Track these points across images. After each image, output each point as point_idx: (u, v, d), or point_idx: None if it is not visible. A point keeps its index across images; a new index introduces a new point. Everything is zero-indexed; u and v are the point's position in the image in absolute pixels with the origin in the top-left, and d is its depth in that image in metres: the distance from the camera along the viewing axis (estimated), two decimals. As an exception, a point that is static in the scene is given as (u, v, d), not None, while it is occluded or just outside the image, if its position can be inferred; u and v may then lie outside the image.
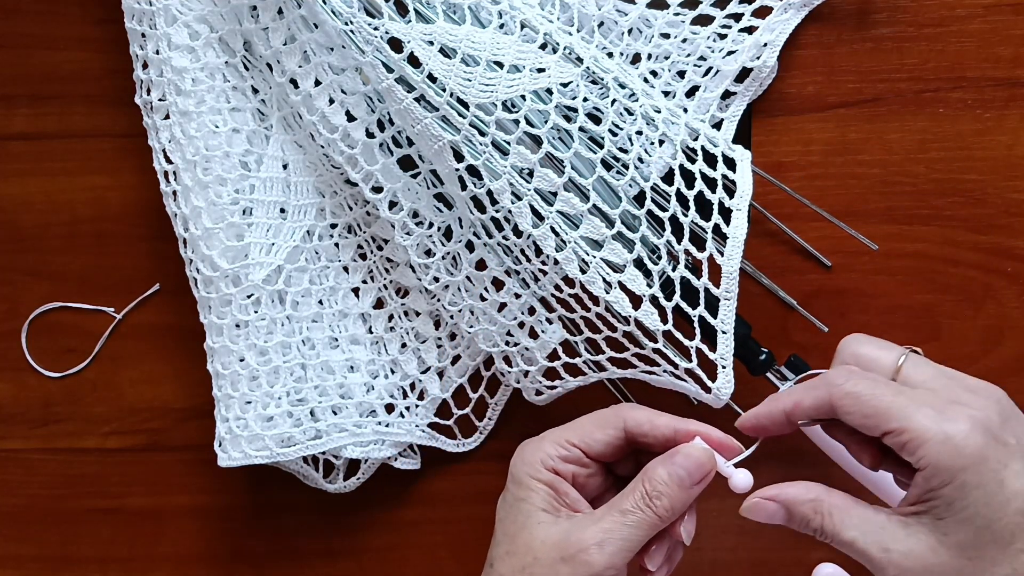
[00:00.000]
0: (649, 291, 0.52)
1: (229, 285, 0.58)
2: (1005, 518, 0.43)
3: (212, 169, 0.57)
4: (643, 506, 0.48)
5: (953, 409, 0.44)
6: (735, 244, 0.52)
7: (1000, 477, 0.43)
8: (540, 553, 0.48)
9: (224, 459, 0.58)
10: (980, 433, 0.43)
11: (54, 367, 0.66)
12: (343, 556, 0.64)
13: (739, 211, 0.52)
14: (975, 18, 0.60)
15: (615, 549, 0.47)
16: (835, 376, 0.47)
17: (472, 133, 0.53)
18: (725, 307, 0.51)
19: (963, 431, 0.43)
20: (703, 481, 0.49)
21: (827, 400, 0.46)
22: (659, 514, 0.48)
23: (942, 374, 0.47)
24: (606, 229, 0.53)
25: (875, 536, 0.45)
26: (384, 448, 0.60)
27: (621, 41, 0.60)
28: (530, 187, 0.53)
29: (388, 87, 0.53)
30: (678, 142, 0.54)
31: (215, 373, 0.59)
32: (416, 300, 0.62)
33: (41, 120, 0.65)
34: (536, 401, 0.60)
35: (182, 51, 0.57)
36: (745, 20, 0.60)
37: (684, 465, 0.49)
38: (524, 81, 0.53)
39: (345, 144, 0.57)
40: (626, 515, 0.48)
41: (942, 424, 0.43)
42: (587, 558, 0.47)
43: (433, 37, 0.53)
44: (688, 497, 0.49)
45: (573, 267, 0.53)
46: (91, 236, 0.65)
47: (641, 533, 0.48)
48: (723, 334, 0.51)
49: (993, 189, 0.60)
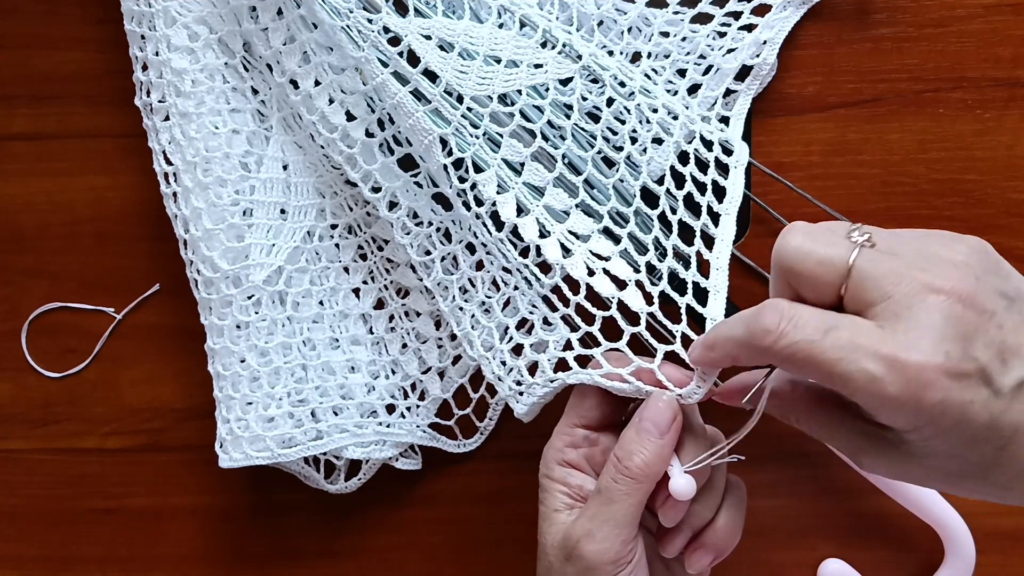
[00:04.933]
0: (635, 276, 0.51)
1: (230, 286, 0.58)
2: (976, 454, 0.39)
3: (212, 170, 0.57)
4: (617, 475, 0.46)
5: (909, 330, 0.38)
6: (723, 244, 0.51)
7: (967, 415, 0.38)
8: (552, 556, 0.48)
9: (225, 460, 0.58)
10: (942, 356, 0.37)
11: (54, 367, 0.66)
12: (343, 556, 0.64)
13: (727, 215, 0.52)
14: (975, 18, 0.60)
15: (603, 535, 0.46)
16: (767, 321, 0.41)
17: (464, 125, 0.53)
18: (715, 298, 0.50)
19: (918, 365, 0.37)
20: (673, 428, 0.47)
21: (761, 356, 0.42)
22: (634, 475, 0.46)
23: (902, 245, 0.40)
24: (594, 224, 0.53)
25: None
26: (385, 448, 0.61)
27: (621, 40, 0.60)
28: (519, 181, 0.53)
29: (383, 82, 0.53)
30: (671, 143, 0.54)
31: (216, 374, 0.59)
32: (417, 300, 0.62)
33: (41, 120, 0.65)
34: (522, 413, 0.56)
35: (181, 52, 0.57)
36: (744, 18, 0.60)
37: (650, 416, 0.47)
38: (521, 76, 0.53)
39: (344, 144, 0.57)
40: (603, 492, 0.46)
41: (892, 374, 0.38)
42: (580, 552, 0.46)
43: (431, 32, 0.53)
44: (661, 449, 0.46)
45: (555, 251, 0.52)
46: (91, 236, 0.65)
47: (626, 506, 0.46)
48: (712, 321, 0.49)
49: (993, 189, 0.60)
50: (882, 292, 0.39)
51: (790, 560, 0.61)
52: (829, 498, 0.61)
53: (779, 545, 0.61)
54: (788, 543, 0.61)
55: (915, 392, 0.37)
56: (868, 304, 0.39)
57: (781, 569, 0.61)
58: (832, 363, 0.39)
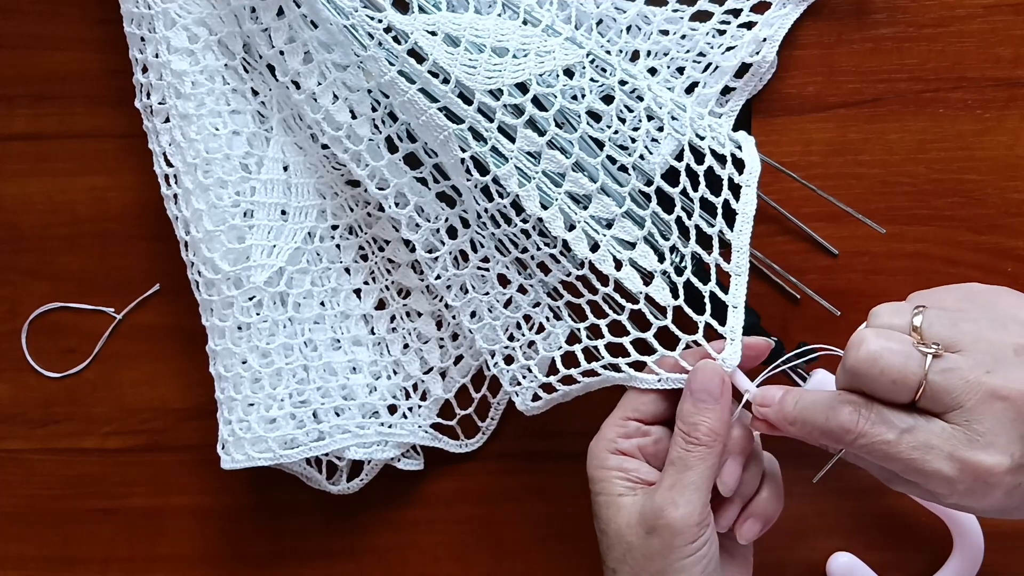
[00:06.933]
0: (660, 266, 0.53)
1: (231, 287, 0.58)
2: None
3: (213, 172, 0.57)
4: (687, 445, 0.49)
5: (980, 435, 0.43)
6: (744, 220, 0.53)
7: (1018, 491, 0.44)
8: (630, 537, 0.49)
9: (227, 461, 0.58)
10: (1008, 459, 0.43)
11: (54, 367, 0.66)
12: (343, 556, 0.64)
13: (748, 187, 0.53)
14: (975, 18, 0.60)
15: (686, 499, 0.48)
16: (845, 419, 0.45)
17: (478, 120, 0.53)
18: (736, 283, 0.52)
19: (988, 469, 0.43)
20: (725, 391, 0.50)
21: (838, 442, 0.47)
22: (704, 442, 0.49)
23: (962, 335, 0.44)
24: (616, 207, 0.53)
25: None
26: (387, 449, 0.61)
27: (620, 38, 0.60)
28: (538, 169, 0.53)
29: (391, 80, 0.53)
30: (687, 119, 0.55)
31: (218, 376, 0.59)
32: (418, 301, 0.62)
33: (41, 120, 0.64)
34: (532, 409, 0.59)
35: (181, 54, 0.57)
36: (744, 15, 0.60)
37: (700, 386, 0.50)
38: (530, 65, 0.53)
39: (351, 142, 0.57)
40: (677, 462, 0.49)
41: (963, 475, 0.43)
42: (666, 522, 0.48)
43: (436, 27, 0.53)
44: (721, 413, 0.49)
45: (583, 247, 0.53)
46: (91, 236, 0.65)
47: (701, 471, 0.49)
48: (734, 308, 0.52)
49: (993, 189, 0.60)
50: (955, 401, 0.43)
51: (792, 560, 0.61)
52: (830, 498, 0.61)
53: (781, 545, 0.61)
54: (790, 543, 0.61)
55: (983, 491, 0.43)
56: (943, 410, 0.44)
57: (784, 569, 0.61)
58: (908, 461, 0.44)
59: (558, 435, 0.62)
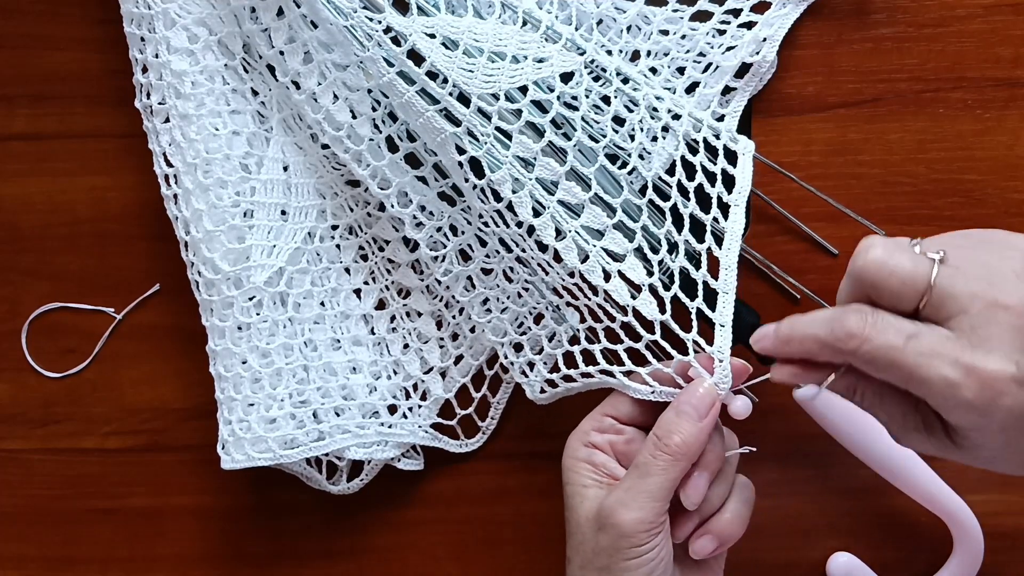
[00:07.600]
0: (648, 280, 0.53)
1: (231, 287, 0.57)
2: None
3: (212, 172, 0.57)
4: (655, 452, 0.49)
5: (984, 341, 0.42)
6: (732, 238, 0.52)
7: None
8: (585, 528, 0.51)
9: (227, 461, 0.58)
10: (1013, 367, 0.41)
11: (54, 367, 0.66)
12: (343, 556, 0.64)
13: (736, 206, 0.53)
14: (975, 18, 0.60)
15: (639, 505, 0.48)
16: (852, 325, 0.44)
17: (475, 123, 0.53)
18: (723, 300, 0.51)
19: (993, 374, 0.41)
20: (711, 414, 0.50)
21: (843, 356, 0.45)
22: (672, 452, 0.49)
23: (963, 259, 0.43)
24: (607, 218, 0.53)
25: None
26: (387, 449, 0.61)
27: (620, 38, 0.60)
28: (531, 176, 0.53)
29: (389, 81, 0.53)
30: (681, 132, 0.54)
31: (218, 376, 0.59)
32: (418, 301, 0.62)
33: (41, 120, 0.64)
34: (540, 399, 0.60)
35: (181, 54, 0.57)
36: (744, 15, 0.60)
37: (688, 401, 0.50)
38: (527, 71, 0.53)
39: (351, 141, 0.57)
40: (640, 467, 0.49)
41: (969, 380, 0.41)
42: (615, 522, 0.49)
43: (435, 30, 0.53)
44: (699, 432, 0.49)
45: (572, 256, 0.53)
46: (91, 236, 0.65)
47: (660, 481, 0.49)
48: (721, 327, 0.51)
49: (993, 189, 0.60)
50: (959, 307, 0.42)
51: (793, 560, 0.61)
52: (830, 498, 0.61)
53: (781, 546, 0.61)
54: (790, 543, 0.61)
55: (989, 397, 0.41)
56: (946, 317, 0.43)
57: (784, 569, 0.61)
58: (914, 367, 0.42)
59: (558, 435, 0.62)
